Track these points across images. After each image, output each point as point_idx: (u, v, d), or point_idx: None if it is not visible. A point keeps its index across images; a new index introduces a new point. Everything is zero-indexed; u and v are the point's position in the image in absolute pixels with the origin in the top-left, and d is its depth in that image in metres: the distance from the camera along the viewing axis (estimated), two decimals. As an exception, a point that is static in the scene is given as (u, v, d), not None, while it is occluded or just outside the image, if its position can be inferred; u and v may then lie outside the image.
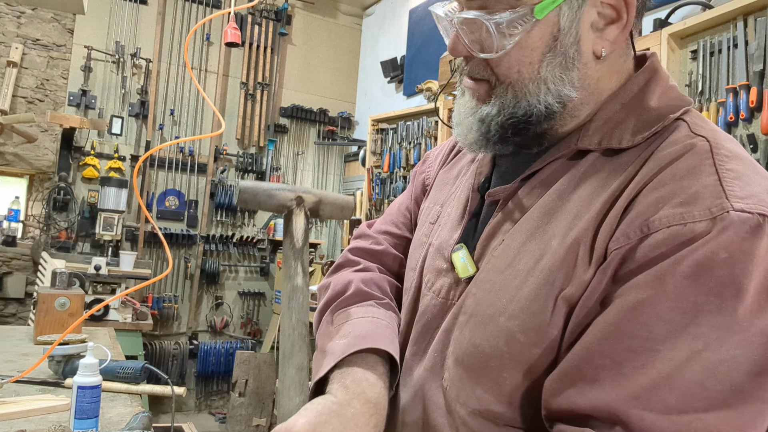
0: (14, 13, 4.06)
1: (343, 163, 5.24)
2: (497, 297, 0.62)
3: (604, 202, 0.58)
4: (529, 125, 0.64)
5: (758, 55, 1.78)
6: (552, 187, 0.63)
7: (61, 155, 4.06)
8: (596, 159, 0.62)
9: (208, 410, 4.63)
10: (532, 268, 0.60)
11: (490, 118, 0.65)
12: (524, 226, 0.63)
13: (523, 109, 0.63)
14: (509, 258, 0.63)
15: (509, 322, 0.60)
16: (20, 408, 1.23)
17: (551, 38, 0.61)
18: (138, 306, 3.60)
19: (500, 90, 0.64)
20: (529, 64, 0.62)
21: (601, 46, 0.62)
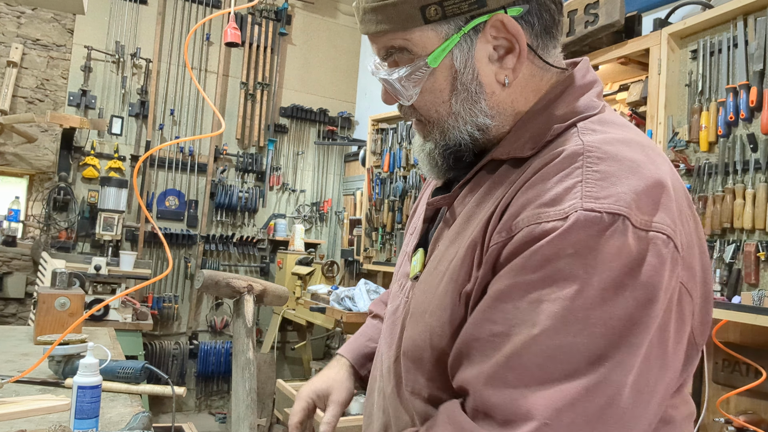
0: (14, 13, 4.06)
1: (343, 163, 5.24)
2: (425, 297, 0.70)
3: (495, 206, 0.65)
4: (463, 152, 0.72)
5: (758, 54, 1.78)
6: (476, 194, 0.71)
7: (61, 155, 4.06)
8: (506, 168, 0.69)
9: (208, 410, 4.63)
10: (446, 269, 0.68)
11: (431, 152, 0.74)
12: (451, 232, 0.72)
13: (453, 140, 0.72)
14: (437, 261, 0.71)
15: (430, 318, 0.68)
16: (20, 408, 1.23)
17: (452, 79, 0.69)
18: (138, 306, 3.60)
19: (429, 128, 0.73)
20: (442, 103, 0.70)
21: (504, 75, 0.69)
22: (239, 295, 0.87)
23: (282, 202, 5.00)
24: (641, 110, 2.13)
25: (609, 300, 0.54)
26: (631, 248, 0.55)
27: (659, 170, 0.60)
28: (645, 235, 0.56)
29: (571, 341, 0.54)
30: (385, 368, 0.79)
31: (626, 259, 0.55)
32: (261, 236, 4.83)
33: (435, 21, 0.65)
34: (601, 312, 0.54)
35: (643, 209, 0.57)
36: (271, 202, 4.94)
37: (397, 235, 3.71)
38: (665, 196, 0.59)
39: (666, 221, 0.57)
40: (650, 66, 2.02)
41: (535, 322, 0.55)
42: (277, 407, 2.82)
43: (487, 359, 0.58)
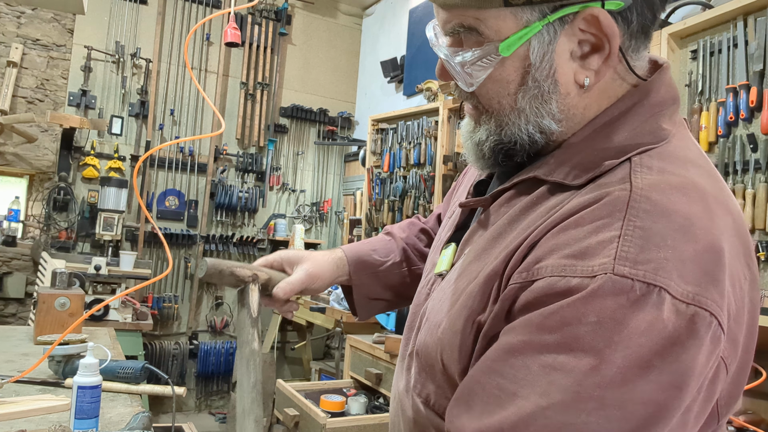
0: (14, 13, 4.06)
1: (343, 163, 5.24)
2: (441, 308, 0.65)
3: (525, 236, 0.58)
4: (516, 151, 0.64)
5: (758, 54, 1.78)
6: (512, 208, 0.63)
7: (61, 155, 4.06)
8: (546, 190, 0.61)
9: (208, 410, 4.63)
10: (465, 289, 0.62)
11: (481, 142, 0.66)
12: (478, 245, 0.65)
13: (508, 136, 0.63)
14: (460, 271, 0.66)
15: (442, 334, 0.63)
16: (20, 408, 1.23)
17: (523, 72, 0.60)
18: (138, 306, 3.60)
19: (485, 117, 0.65)
20: (506, 96, 0.61)
21: (585, 76, 0.59)
22: (244, 285, 0.84)
23: (282, 202, 5.00)
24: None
25: (630, 381, 0.47)
26: (665, 324, 0.47)
27: (716, 228, 0.52)
28: (685, 310, 0.48)
29: (584, 420, 0.47)
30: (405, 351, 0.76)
31: (657, 337, 0.47)
32: (261, 236, 4.83)
33: (516, 4, 0.56)
34: (620, 394, 0.47)
35: (688, 279, 0.49)
36: (271, 202, 4.94)
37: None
38: (717, 264, 0.50)
39: (713, 295, 0.49)
40: (650, 66, 2.01)
41: (546, 392, 0.49)
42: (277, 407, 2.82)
43: (488, 415, 0.52)
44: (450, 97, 3.22)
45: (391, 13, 4.87)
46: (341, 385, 2.93)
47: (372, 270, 0.96)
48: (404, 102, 4.44)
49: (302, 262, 0.91)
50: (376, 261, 0.97)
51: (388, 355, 2.59)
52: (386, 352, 2.58)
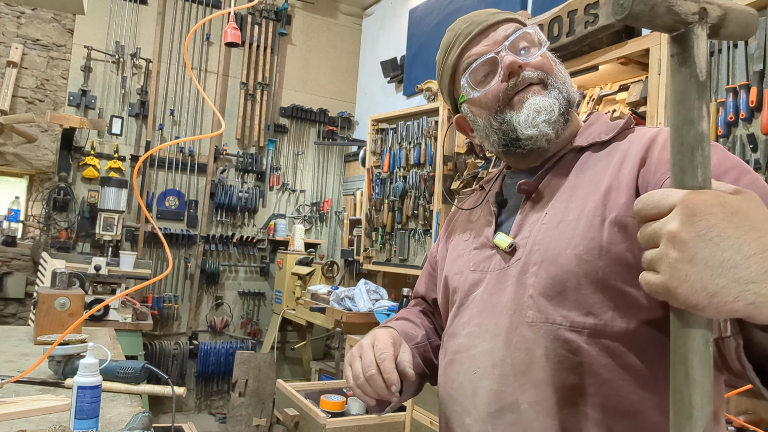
0: (14, 13, 4.06)
1: (343, 163, 5.24)
2: (559, 241, 0.83)
3: (617, 166, 0.83)
4: (570, 109, 0.91)
5: (758, 55, 1.78)
6: (567, 172, 0.89)
7: (61, 155, 4.06)
8: (589, 152, 0.90)
9: (208, 410, 4.63)
10: (580, 216, 0.82)
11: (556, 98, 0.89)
12: (560, 199, 0.87)
13: (566, 94, 0.91)
14: (558, 218, 0.85)
15: (575, 250, 0.80)
16: (20, 408, 1.23)
17: (553, 61, 0.93)
18: (138, 306, 3.60)
19: (552, 79, 0.90)
20: (553, 65, 0.92)
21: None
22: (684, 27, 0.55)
23: (282, 202, 5.00)
24: (641, 110, 2.13)
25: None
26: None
27: None
28: None
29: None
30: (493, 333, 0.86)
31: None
32: (261, 236, 4.83)
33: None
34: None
35: None
36: (271, 202, 4.94)
37: (397, 235, 3.71)
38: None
39: None
40: (650, 66, 2.02)
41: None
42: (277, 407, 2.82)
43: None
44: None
45: (391, 13, 4.87)
46: (341, 385, 2.93)
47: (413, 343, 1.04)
48: (404, 102, 4.44)
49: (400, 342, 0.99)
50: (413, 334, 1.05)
51: (388, 355, 2.58)
52: (386, 352, 2.57)
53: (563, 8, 2.25)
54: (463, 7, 3.77)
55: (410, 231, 3.62)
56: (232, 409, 3.90)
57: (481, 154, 3.05)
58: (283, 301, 4.32)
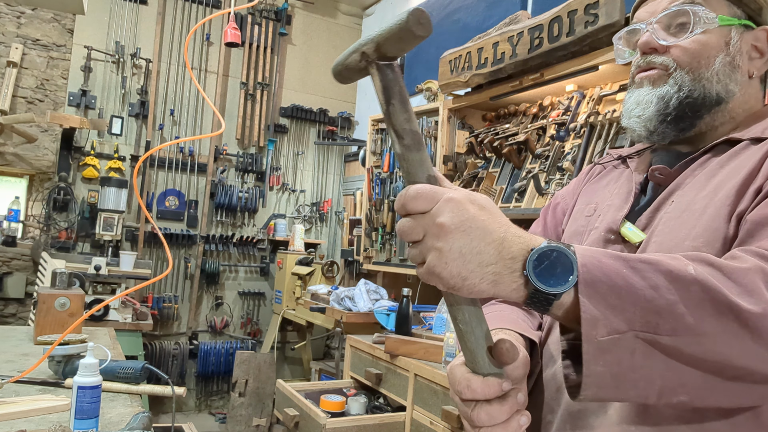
0: (14, 13, 4.06)
1: (343, 163, 5.24)
2: (679, 231, 0.75)
3: (762, 156, 0.74)
4: (701, 109, 0.82)
5: (758, 55, 1.78)
6: (709, 164, 0.80)
7: (61, 155, 4.06)
8: (742, 146, 0.79)
9: (208, 410, 4.63)
10: (708, 205, 0.74)
11: (670, 95, 0.83)
12: (693, 187, 0.79)
13: (698, 91, 0.82)
14: (683, 207, 0.77)
15: (694, 242, 0.73)
16: (20, 408, 1.23)
17: (725, 43, 0.83)
18: (138, 306, 3.60)
19: (679, 73, 0.83)
20: (706, 58, 0.82)
21: (753, 70, 0.85)
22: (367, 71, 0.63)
23: (282, 202, 5.00)
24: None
25: None
26: None
27: None
28: None
29: None
30: None
31: None
32: (261, 236, 4.83)
33: (733, 1, 0.83)
34: None
35: None
36: (271, 202, 4.94)
37: (397, 235, 3.71)
38: None
39: None
40: (650, 66, 2.01)
41: None
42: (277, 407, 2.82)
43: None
44: (450, 97, 3.22)
45: (391, 13, 4.88)
46: (341, 385, 2.93)
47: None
48: (404, 102, 4.43)
49: None
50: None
51: (388, 356, 2.59)
52: (386, 352, 2.57)
53: (563, 8, 2.25)
54: (463, 6, 3.77)
55: (410, 231, 3.62)
56: (232, 409, 3.90)
57: (481, 154, 3.05)
58: (283, 301, 4.32)
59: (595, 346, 0.56)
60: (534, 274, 0.56)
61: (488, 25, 3.14)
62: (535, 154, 2.58)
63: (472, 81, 2.86)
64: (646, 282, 0.56)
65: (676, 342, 0.55)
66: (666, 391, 0.58)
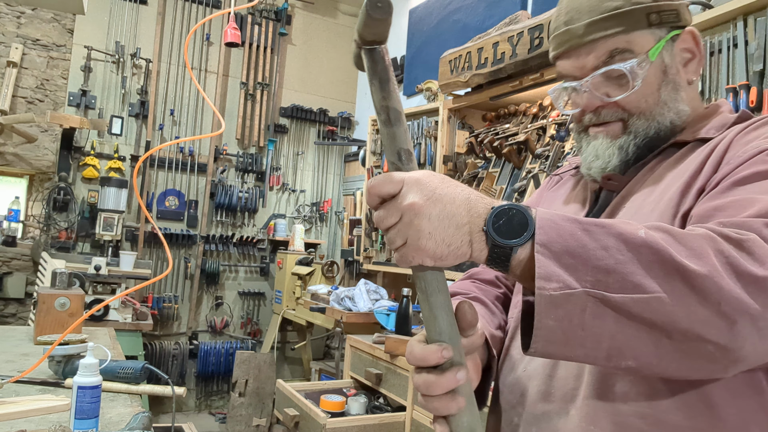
0: (14, 13, 4.06)
1: (343, 163, 5.24)
2: None
3: (704, 157, 0.78)
4: (658, 141, 0.85)
5: (758, 55, 1.78)
6: (658, 167, 0.84)
7: (61, 155, 4.06)
8: (691, 146, 0.83)
9: (208, 410, 4.63)
10: (655, 208, 0.78)
11: (628, 144, 0.86)
12: (642, 192, 0.83)
13: (654, 129, 0.85)
14: (634, 211, 0.81)
15: None
16: (20, 408, 1.23)
17: (662, 72, 0.84)
18: (138, 306, 3.60)
19: (633, 121, 0.85)
20: (651, 94, 0.84)
21: (690, 76, 0.87)
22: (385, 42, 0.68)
23: (282, 202, 5.00)
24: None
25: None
26: None
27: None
28: None
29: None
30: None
31: None
32: (261, 236, 4.83)
33: (654, 25, 0.83)
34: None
35: None
36: (271, 202, 4.94)
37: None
38: None
39: None
40: (650, 66, 2.01)
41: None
42: (277, 407, 2.82)
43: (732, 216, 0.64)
44: (450, 97, 3.22)
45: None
46: (341, 385, 2.93)
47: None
48: (404, 102, 4.44)
49: None
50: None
51: (388, 356, 2.59)
52: (386, 352, 2.57)
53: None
54: (463, 6, 3.77)
55: (410, 231, 3.62)
56: (232, 409, 3.90)
57: (481, 154, 3.05)
58: (283, 301, 4.32)
59: (547, 300, 0.57)
60: (493, 228, 0.59)
61: (488, 25, 3.14)
62: (535, 154, 2.58)
63: (472, 81, 2.86)
64: (598, 243, 0.58)
65: (625, 300, 0.57)
66: (614, 353, 0.59)
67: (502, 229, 0.59)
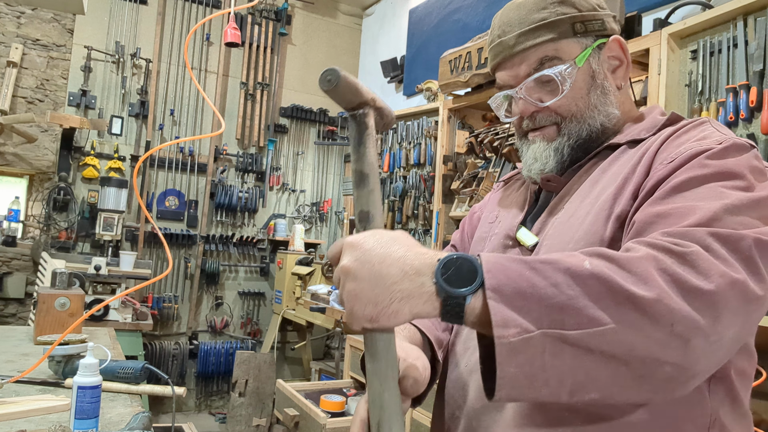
0: (14, 13, 4.06)
1: (343, 163, 5.25)
2: (565, 235, 0.82)
3: (637, 160, 0.80)
4: (591, 143, 0.89)
5: (758, 54, 1.78)
6: (594, 169, 0.87)
7: (61, 155, 4.06)
8: (622, 150, 0.86)
9: (208, 410, 4.63)
10: (589, 211, 0.80)
11: (562, 145, 0.90)
12: (579, 194, 0.86)
13: (585, 131, 0.89)
14: (570, 213, 0.84)
15: (576, 245, 0.78)
16: (20, 408, 1.23)
17: (590, 77, 0.89)
18: (138, 306, 3.60)
19: (566, 124, 0.89)
20: (581, 98, 0.89)
21: (619, 81, 0.91)
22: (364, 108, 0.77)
23: (282, 202, 5.00)
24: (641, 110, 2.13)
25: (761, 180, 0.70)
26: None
27: None
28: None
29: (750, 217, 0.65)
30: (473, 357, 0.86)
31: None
32: (261, 236, 4.83)
33: (580, 34, 0.88)
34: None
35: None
36: (271, 202, 4.94)
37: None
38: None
39: None
40: (650, 66, 2.02)
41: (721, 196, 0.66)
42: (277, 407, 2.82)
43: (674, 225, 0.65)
44: (450, 97, 3.22)
45: (391, 13, 4.87)
46: (341, 385, 2.93)
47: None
48: (404, 102, 4.44)
49: None
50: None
51: (388, 355, 2.58)
52: (386, 352, 2.57)
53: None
54: (463, 6, 3.77)
55: (410, 231, 3.62)
56: (232, 409, 3.90)
57: (481, 154, 3.05)
58: (283, 301, 4.32)
59: (507, 348, 0.57)
60: (442, 280, 0.59)
61: (488, 25, 3.14)
62: (535, 154, 2.58)
63: (472, 81, 2.86)
64: (548, 281, 0.58)
65: (582, 336, 0.57)
66: (577, 389, 0.59)
67: (452, 279, 0.59)
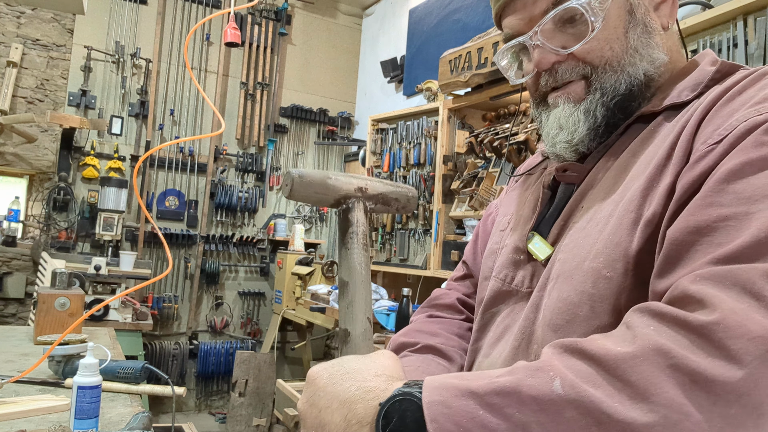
0: (14, 13, 4.05)
1: (343, 163, 5.24)
2: (581, 248, 0.63)
3: (675, 136, 0.60)
4: (632, 101, 0.68)
5: (758, 55, 1.78)
6: (624, 150, 0.67)
7: (61, 155, 4.06)
8: (660, 121, 0.65)
9: (208, 410, 4.63)
10: (612, 212, 0.62)
11: (594, 105, 0.68)
12: (601, 187, 0.66)
13: (624, 84, 0.67)
14: (591, 215, 0.65)
15: (593, 262, 0.60)
16: (20, 408, 1.23)
17: (627, 12, 0.67)
18: (138, 306, 3.60)
19: (597, 75, 0.68)
20: (617, 39, 0.67)
21: (665, 19, 0.70)
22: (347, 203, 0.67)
23: (282, 202, 5.00)
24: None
25: None
26: None
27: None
28: None
29: None
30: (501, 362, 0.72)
31: None
32: (261, 236, 4.83)
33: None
34: None
35: None
36: (271, 202, 4.94)
37: (397, 235, 3.71)
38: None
39: None
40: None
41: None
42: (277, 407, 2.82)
43: (720, 248, 0.48)
44: (450, 97, 3.22)
45: (391, 13, 4.87)
46: (341, 385, 2.93)
47: None
48: (404, 102, 4.44)
49: None
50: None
51: (388, 355, 2.58)
52: (386, 352, 2.57)
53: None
54: (463, 6, 3.77)
55: (410, 231, 3.62)
56: (232, 409, 3.90)
57: (480, 154, 3.05)
58: (283, 301, 4.32)
59: None
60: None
61: (488, 25, 3.14)
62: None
63: (472, 81, 2.86)
64: (509, 422, 0.45)
65: None
66: None
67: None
